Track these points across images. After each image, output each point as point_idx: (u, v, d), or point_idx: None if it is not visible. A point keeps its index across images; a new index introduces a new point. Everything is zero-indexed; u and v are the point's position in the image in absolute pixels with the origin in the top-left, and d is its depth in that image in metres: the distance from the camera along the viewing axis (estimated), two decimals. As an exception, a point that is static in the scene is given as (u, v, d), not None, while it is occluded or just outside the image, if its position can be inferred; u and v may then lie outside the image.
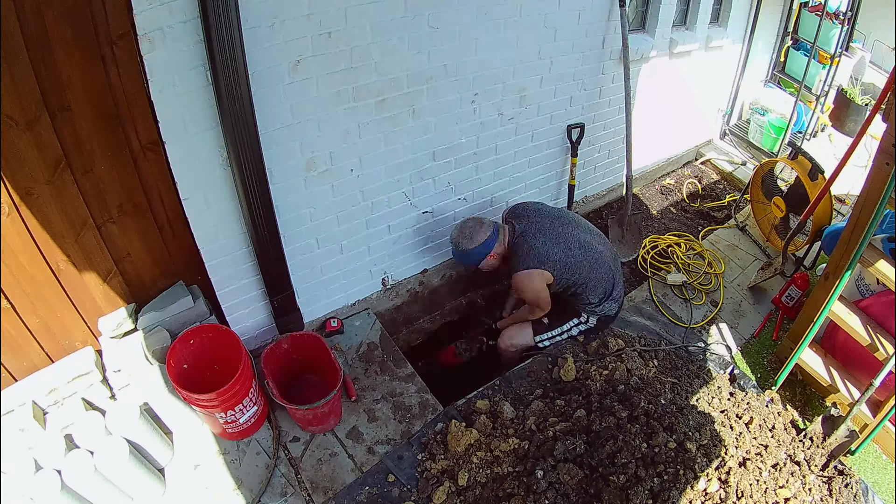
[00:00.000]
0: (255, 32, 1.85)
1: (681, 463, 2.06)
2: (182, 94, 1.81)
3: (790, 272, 3.20)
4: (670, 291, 3.16)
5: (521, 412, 2.35)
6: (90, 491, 1.87)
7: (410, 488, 2.12)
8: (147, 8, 1.63)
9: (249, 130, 1.90)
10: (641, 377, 2.40)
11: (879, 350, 2.29)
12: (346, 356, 2.65)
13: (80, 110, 1.80)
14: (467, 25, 2.38)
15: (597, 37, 2.93)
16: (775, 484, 2.14)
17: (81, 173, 1.90)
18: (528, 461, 2.10)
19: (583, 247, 2.49)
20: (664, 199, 3.99)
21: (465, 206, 3.00)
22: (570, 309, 2.68)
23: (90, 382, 2.15)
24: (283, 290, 2.41)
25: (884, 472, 2.46)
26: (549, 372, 2.56)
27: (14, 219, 1.82)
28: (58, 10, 1.61)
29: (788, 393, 2.68)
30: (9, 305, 1.95)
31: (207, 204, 2.08)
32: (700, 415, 2.27)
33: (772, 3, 4.05)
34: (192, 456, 2.21)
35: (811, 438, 2.37)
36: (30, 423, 1.98)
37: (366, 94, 2.26)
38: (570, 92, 3.04)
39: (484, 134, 2.79)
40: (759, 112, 4.32)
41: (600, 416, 2.20)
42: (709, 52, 3.76)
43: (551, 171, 3.32)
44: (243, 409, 2.13)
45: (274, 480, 2.15)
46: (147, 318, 2.25)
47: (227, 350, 2.17)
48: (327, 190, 2.40)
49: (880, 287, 2.47)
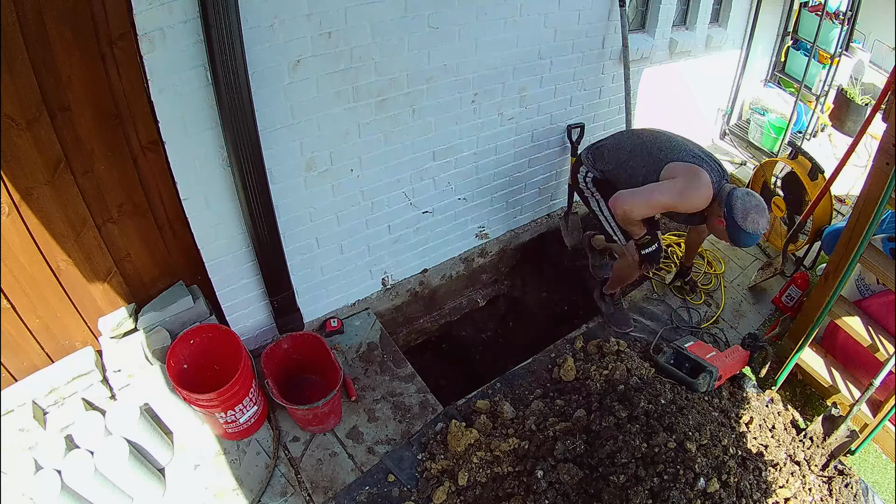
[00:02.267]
0: (255, 32, 1.85)
1: (681, 463, 2.05)
2: (182, 94, 1.81)
3: (790, 272, 3.20)
4: (670, 291, 3.16)
5: (521, 412, 2.35)
6: (90, 491, 1.87)
7: (410, 488, 2.12)
8: (147, 8, 1.63)
9: (249, 130, 1.90)
10: (641, 377, 2.40)
11: (880, 350, 2.29)
12: (346, 356, 2.65)
13: (80, 110, 1.80)
14: (467, 25, 2.38)
15: (597, 37, 2.93)
16: (775, 484, 2.14)
17: (81, 173, 1.90)
18: (528, 461, 2.10)
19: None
20: (664, 199, 3.99)
21: (465, 206, 3.00)
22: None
23: (90, 382, 2.15)
24: (283, 290, 2.41)
25: (884, 472, 2.46)
26: (549, 372, 2.57)
27: (14, 219, 1.82)
28: (58, 10, 1.61)
29: (788, 393, 2.68)
30: (9, 305, 1.95)
31: (207, 204, 2.08)
32: (700, 415, 2.27)
33: (772, 3, 4.05)
34: (192, 456, 2.21)
35: (811, 438, 2.37)
36: (30, 423, 1.98)
37: (366, 94, 2.26)
38: (570, 92, 3.04)
39: (484, 134, 2.79)
40: (759, 112, 4.32)
41: (600, 416, 2.20)
42: (709, 51, 3.76)
43: (551, 171, 3.32)
44: (243, 409, 2.13)
45: (274, 480, 2.15)
46: (147, 318, 2.25)
47: (227, 350, 2.17)
48: (327, 190, 2.40)
49: (880, 287, 2.47)
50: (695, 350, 2.52)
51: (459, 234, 3.11)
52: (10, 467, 1.81)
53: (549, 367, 2.58)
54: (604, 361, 2.51)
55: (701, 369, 2.40)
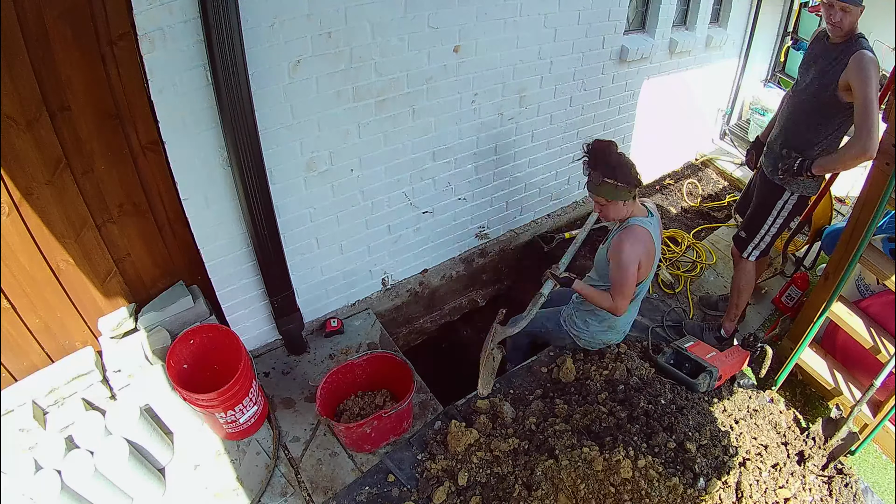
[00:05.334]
0: (255, 32, 1.85)
1: (681, 463, 2.06)
2: (182, 94, 1.81)
3: (790, 272, 3.20)
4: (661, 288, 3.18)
5: (521, 412, 2.35)
6: (90, 491, 1.87)
7: (410, 488, 2.12)
8: (147, 8, 1.63)
9: (249, 130, 1.90)
10: (641, 377, 2.40)
11: (882, 352, 2.29)
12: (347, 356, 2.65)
13: (80, 110, 1.80)
14: (467, 25, 2.38)
15: (597, 37, 2.93)
16: (775, 484, 2.14)
17: (81, 173, 1.90)
18: (528, 461, 2.10)
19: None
20: (663, 199, 3.99)
21: (465, 206, 3.00)
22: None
23: (90, 382, 2.15)
24: (283, 290, 2.41)
25: (884, 472, 2.46)
26: (549, 372, 2.56)
27: (14, 219, 1.82)
28: (58, 9, 1.61)
29: (788, 393, 2.69)
30: (9, 305, 1.95)
31: (207, 204, 2.08)
32: (700, 415, 2.27)
33: (772, 3, 4.05)
34: (192, 456, 2.21)
35: (813, 438, 2.37)
36: (30, 423, 1.98)
37: (366, 94, 2.26)
38: (570, 92, 3.04)
39: (484, 134, 2.79)
40: (759, 112, 4.32)
41: (600, 417, 2.20)
42: (709, 51, 3.76)
43: (551, 171, 3.32)
44: (243, 409, 2.13)
45: (274, 480, 2.15)
46: (147, 318, 2.25)
47: (227, 350, 2.17)
48: (327, 190, 2.40)
49: (880, 287, 2.47)
50: (695, 350, 2.52)
51: (459, 234, 3.11)
52: (10, 467, 1.81)
53: (549, 367, 2.58)
54: (604, 361, 2.51)
55: (701, 369, 2.40)
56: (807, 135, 2.36)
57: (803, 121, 2.36)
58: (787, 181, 2.44)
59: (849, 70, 2.13)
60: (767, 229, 2.58)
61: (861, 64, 2.09)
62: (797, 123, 2.39)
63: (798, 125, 2.38)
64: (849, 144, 2.19)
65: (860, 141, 2.10)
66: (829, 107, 2.26)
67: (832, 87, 2.20)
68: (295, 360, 2.63)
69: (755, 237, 2.62)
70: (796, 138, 2.39)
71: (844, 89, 2.17)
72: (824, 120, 2.29)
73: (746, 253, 2.66)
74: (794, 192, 2.46)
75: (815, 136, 2.34)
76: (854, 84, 2.11)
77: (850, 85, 2.12)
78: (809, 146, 2.35)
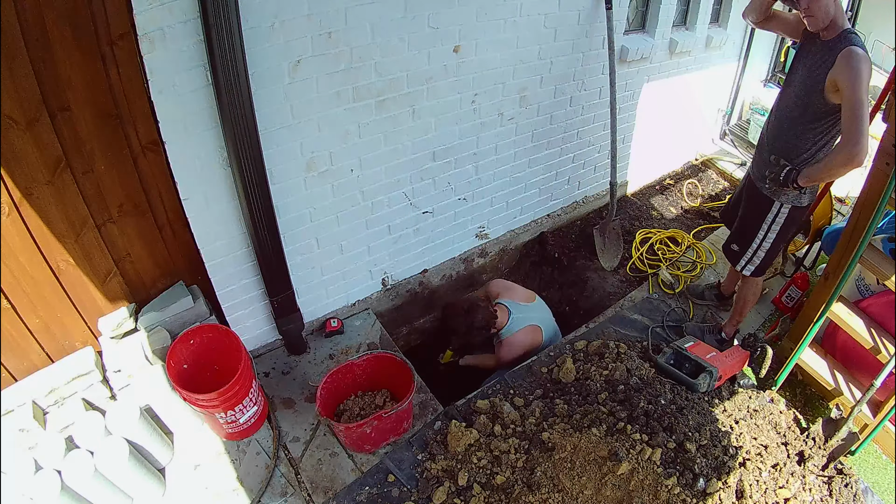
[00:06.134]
0: (255, 32, 1.85)
1: (680, 463, 2.06)
2: (182, 94, 1.81)
3: (790, 272, 3.20)
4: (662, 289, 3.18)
5: (520, 412, 2.35)
6: (90, 491, 1.87)
7: (410, 488, 2.12)
8: (147, 8, 1.63)
9: (249, 130, 1.90)
10: (641, 377, 2.40)
11: (882, 353, 2.29)
12: (347, 356, 2.65)
13: (80, 110, 1.80)
14: (467, 25, 2.38)
15: (597, 37, 2.93)
16: (775, 484, 2.14)
17: (81, 173, 1.90)
18: (527, 461, 2.10)
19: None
20: (664, 199, 4.00)
21: (465, 206, 3.00)
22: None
23: (90, 382, 2.15)
24: (283, 291, 2.41)
25: (884, 472, 2.46)
26: (549, 372, 2.56)
27: (14, 219, 1.82)
28: (58, 9, 1.61)
29: (788, 393, 2.69)
30: (9, 305, 1.95)
31: (207, 204, 2.08)
32: (700, 415, 2.27)
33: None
34: (192, 456, 2.21)
35: (813, 439, 2.37)
36: (30, 423, 1.98)
37: (366, 94, 2.26)
38: (570, 92, 3.04)
39: (484, 134, 2.79)
40: (760, 112, 4.32)
41: (600, 417, 2.20)
42: (709, 52, 3.76)
43: (551, 171, 3.32)
44: (243, 409, 2.13)
45: (274, 480, 2.15)
46: (147, 318, 2.25)
47: (227, 350, 2.17)
48: (327, 190, 2.40)
49: (880, 287, 2.47)
50: (695, 350, 2.52)
51: (459, 235, 3.11)
52: (10, 467, 1.81)
53: (548, 367, 2.58)
54: (604, 362, 2.51)
55: (701, 369, 2.40)
56: (793, 141, 2.16)
57: (788, 126, 2.17)
58: (775, 191, 2.27)
59: (836, 68, 1.93)
60: (759, 243, 2.41)
61: (849, 61, 1.89)
62: (783, 129, 2.20)
63: (783, 131, 2.20)
64: (834, 151, 2.00)
65: (846, 147, 1.91)
66: (816, 110, 2.06)
67: (819, 87, 2.01)
68: (295, 361, 2.63)
69: (747, 251, 2.46)
70: (783, 145, 2.20)
71: (832, 90, 1.98)
72: (811, 125, 2.10)
73: (740, 267, 2.51)
74: (783, 204, 2.29)
75: (803, 142, 2.14)
76: (841, 83, 1.91)
77: (838, 85, 1.93)
78: (797, 153, 2.16)
